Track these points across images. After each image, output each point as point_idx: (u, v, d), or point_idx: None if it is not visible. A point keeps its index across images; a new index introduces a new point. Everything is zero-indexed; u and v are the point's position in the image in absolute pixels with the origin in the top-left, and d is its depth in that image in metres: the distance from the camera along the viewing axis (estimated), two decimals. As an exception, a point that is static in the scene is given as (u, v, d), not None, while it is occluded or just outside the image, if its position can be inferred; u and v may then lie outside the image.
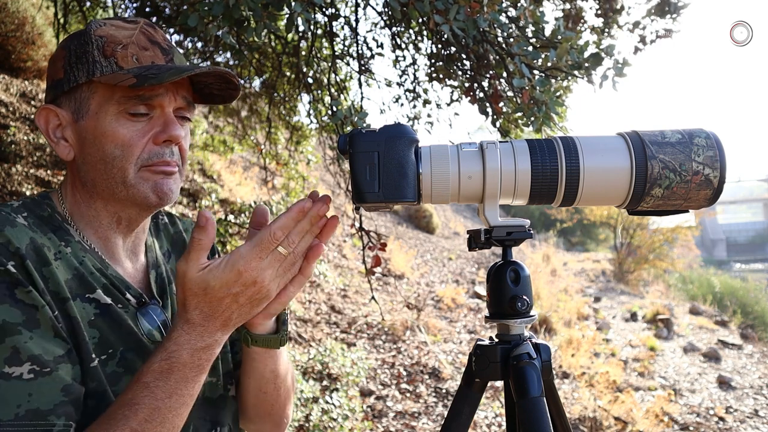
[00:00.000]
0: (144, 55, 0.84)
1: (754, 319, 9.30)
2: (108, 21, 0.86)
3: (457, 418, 0.92)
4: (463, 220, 16.04)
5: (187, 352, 0.74)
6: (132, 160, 0.83)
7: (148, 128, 0.84)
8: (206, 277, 0.72)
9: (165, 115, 0.85)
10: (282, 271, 0.76)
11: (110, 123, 0.83)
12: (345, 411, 3.78)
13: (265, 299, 0.76)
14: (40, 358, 0.71)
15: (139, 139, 0.83)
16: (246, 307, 0.75)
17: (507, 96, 2.41)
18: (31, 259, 0.75)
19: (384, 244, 2.60)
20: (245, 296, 0.74)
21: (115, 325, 0.83)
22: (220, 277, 0.72)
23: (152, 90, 0.82)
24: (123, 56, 0.82)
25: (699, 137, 0.84)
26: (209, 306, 0.73)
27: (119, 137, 0.82)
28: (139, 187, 0.84)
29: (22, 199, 0.86)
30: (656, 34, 3.23)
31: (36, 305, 0.73)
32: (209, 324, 0.74)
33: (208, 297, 0.73)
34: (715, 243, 35.19)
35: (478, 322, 6.85)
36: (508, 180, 0.85)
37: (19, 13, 5.45)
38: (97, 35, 0.84)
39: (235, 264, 0.72)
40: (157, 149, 0.84)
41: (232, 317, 0.75)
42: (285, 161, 4.83)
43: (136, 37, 0.84)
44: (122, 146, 0.83)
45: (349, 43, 3.86)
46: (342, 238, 8.56)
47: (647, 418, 4.71)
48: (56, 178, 4.63)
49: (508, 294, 0.88)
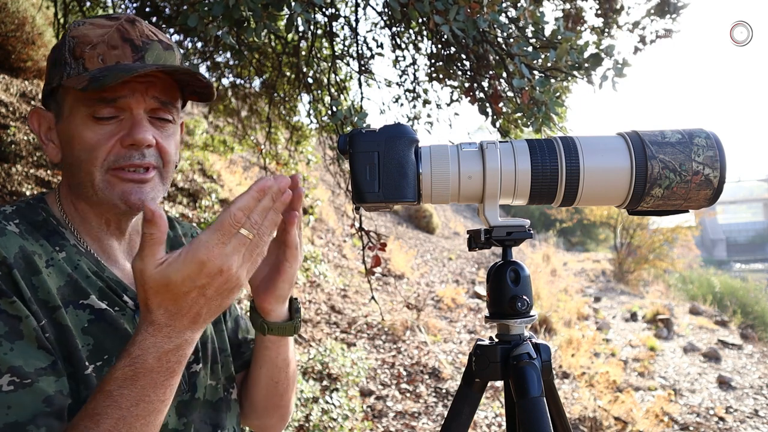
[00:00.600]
0: (110, 55, 0.81)
1: (754, 319, 9.30)
2: (89, 20, 0.85)
3: (457, 418, 0.92)
4: (463, 220, 16.04)
5: (153, 356, 0.68)
6: (97, 163, 0.81)
7: (116, 131, 0.82)
8: (166, 271, 0.65)
9: (132, 118, 0.82)
10: (248, 256, 0.69)
11: (77, 126, 0.82)
12: (345, 411, 3.78)
13: (236, 288, 0.70)
14: (21, 369, 0.69)
15: (105, 142, 0.81)
16: (216, 300, 0.69)
17: (507, 96, 2.41)
18: (19, 268, 0.74)
19: (384, 244, 2.60)
20: (213, 288, 0.67)
21: (110, 330, 0.81)
22: (182, 270, 0.65)
23: (114, 92, 0.80)
24: (90, 56, 0.81)
25: (699, 137, 0.84)
26: (174, 303, 0.67)
27: (85, 140, 0.81)
28: (107, 192, 0.82)
29: (16, 204, 0.85)
30: (656, 34, 3.23)
31: (20, 316, 0.71)
32: (176, 322, 0.68)
33: (171, 293, 0.66)
34: (715, 243, 35.19)
35: (478, 322, 6.85)
36: (508, 180, 0.85)
37: (19, 13, 5.45)
38: (71, 36, 0.83)
39: (196, 253, 0.65)
40: (124, 152, 0.82)
41: (202, 312, 0.69)
42: (285, 161, 4.83)
43: (109, 35, 0.82)
44: (87, 149, 0.81)
45: (349, 43, 3.86)
46: (342, 238, 8.56)
47: (647, 418, 4.71)
48: (56, 178, 4.63)
49: (508, 294, 0.88)
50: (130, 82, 0.81)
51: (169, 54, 0.86)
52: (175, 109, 0.88)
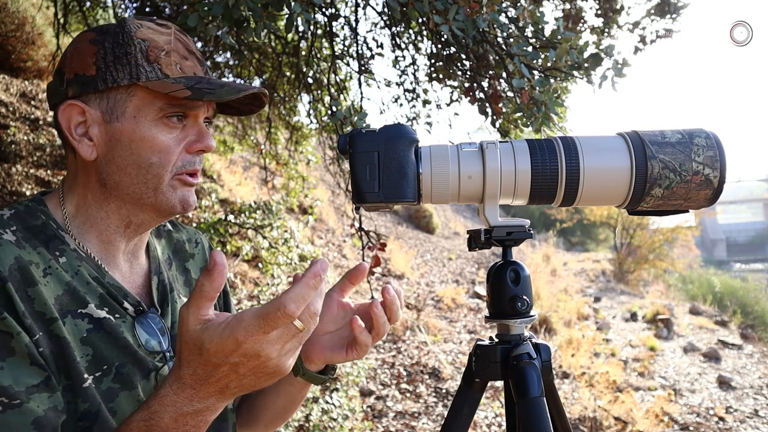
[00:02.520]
0: (186, 65, 0.85)
1: (754, 319, 9.30)
2: (143, 23, 0.85)
3: (457, 418, 0.92)
4: (463, 220, 16.04)
5: (171, 416, 0.66)
6: (168, 167, 0.83)
7: (182, 136, 0.85)
8: (202, 336, 0.63)
9: (198, 125, 0.86)
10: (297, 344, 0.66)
11: (149, 128, 0.82)
12: (345, 411, 3.78)
13: (275, 374, 0.66)
14: (10, 389, 0.68)
15: (176, 146, 0.84)
16: (249, 378, 0.66)
17: (507, 96, 2.41)
18: (13, 281, 0.73)
19: (384, 244, 2.60)
20: (246, 368, 0.64)
21: (110, 339, 0.80)
22: (217, 342, 0.62)
23: (195, 101, 0.83)
24: (167, 63, 0.83)
25: (699, 137, 0.84)
26: (203, 369, 0.65)
27: (158, 144, 0.82)
28: (169, 195, 0.84)
29: (14, 207, 0.83)
30: (656, 34, 3.23)
31: (11, 332, 0.70)
32: (201, 388, 0.66)
33: (203, 359, 0.64)
34: (715, 243, 35.18)
35: (478, 322, 6.84)
36: (508, 180, 0.85)
37: (19, 13, 5.45)
38: (138, 38, 0.82)
39: (234, 331, 0.62)
40: (190, 158, 0.85)
41: (231, 386, 0.66)
42: (285, 161, 4.83)
43: (174, 44, 0.85)
44: (160, 153, 0.83)
45: (349, 43, 3.86)
46: (342, 238, 8.56)
47: (647, 418, 4.71)
48: (56, 178, 4.63)
49: (508, 294, 0.88)
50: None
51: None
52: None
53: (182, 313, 0.65)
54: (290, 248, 4.67)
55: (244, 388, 0.67)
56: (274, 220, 4.55)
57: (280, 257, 4.60)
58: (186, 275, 1.03)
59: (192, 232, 1.10)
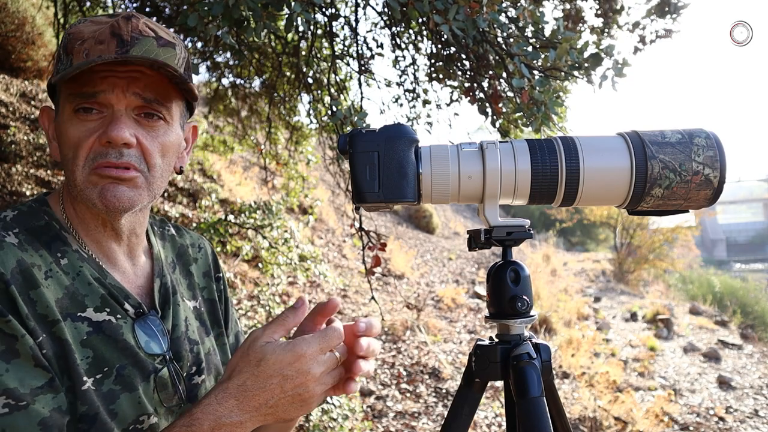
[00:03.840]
0: (95, 49, 0.77)
1: (754, 319, 9.30)
2: (90, 18, 0.83)
3: (457, 418, 0.92)
4: (463, 220, 16.03)
5: (209, 424, 0.70)
6: (79, 162, 0.79)
7: (97, 127, 0.79)
8: (266, 348, 0.71)
9: (112, 114, 0.79)
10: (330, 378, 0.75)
11: (65, 122, 0.80)
12: (345, 411, 3.78)
13: (308, 400, 0.73)
14: (16, 392, 0.69)
15: (86, 139, 0.79)
16: (286, 399, 0.72)
17: (507, 96, 2.41)
18: (16, 283, 0.73)
19: (384, 244, 2.60)
20: (292, 384, 0.71)
21: (110, 342, 0.80)
22: (278, 353, 0.71)
23: (94, 86, 0.78)
24: (77, 52, 0.78)
25: (699, 137, 0.84)
26: (255, 380, 0.71)
27: (69, 137, 0.80)
28: (87, 191, 0.80)
29: (18, 208, 0.83)
30: (656, 34, 3.22)
31: (15, 335, 0.70)
32: (244, 400, 0.71)
33: (259, 370, 0.71)
34: (715, 243, 35.17)
35: (478, 322, 6.84)
36: (508, 180, 0.85)
37: (19, 13, 5.45)
38: (67, 32, 0.82)
39: (296, 346, 0.71)
40: (102, 149, 0.79)
41: (269, 403, 0.71)
42: (285, 161, 4.83)
43: (101, 31, 0.79)
44: (71, 146, 0.79)
45: (349, 43, 3.86)
46: (342, 238, 8.55)
47: (647, 418, 4.71)
48: (56, 178, 4.63)
49: (508, 294, 0.88)
50: (109, 77, 0.78)
51: (165, 50, 0.81)
52: (164, 108, 0.83)
53: (254, 332, 0.74)
54: (290, 248, 4.66)
55: (278, 410, 0.72)
56: (274, 220, 4.54)
57: (280, 257, 4.59)
58: (189, 279, 1.02)
59: (196, 237, 1.09)
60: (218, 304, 1.06)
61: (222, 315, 1.06)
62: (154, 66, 0.79)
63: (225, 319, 1.07)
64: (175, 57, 0.83)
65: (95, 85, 0.78)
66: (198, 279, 1.04)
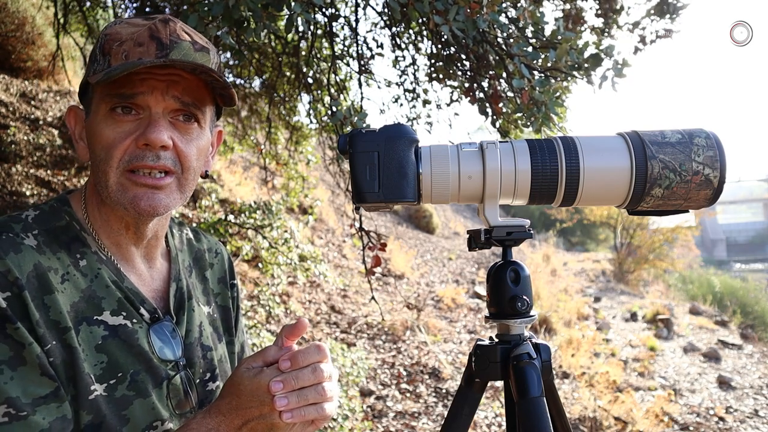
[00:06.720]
0: (135, 51, 0.78)
1: (754, 319, 9.29)
2: (126, 19, 0.83)
3: (457, 418, 0.92)
4: (463, 220, 16.03)
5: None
6: (113, 163, 0.78)
7: (133, 129, 0.79)
8: (243, 374, 0.76)
9: (150, 116, 0.79)
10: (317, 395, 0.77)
11: (99, 123, 0.80)
12: (345, 411, 3.78)
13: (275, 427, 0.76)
14: (17, 401, 0.68)
15: (122, 141, 0.78)
16: (260, 424, 0.76)
17: (507, 96, 2.41)
18: (31, 288, 0.72)
19: (384, 244, 2.60)
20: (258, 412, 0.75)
21: (125, 347, 0.80)
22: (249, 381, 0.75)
23: (133, 88, 0.77)
24: (116, 53, 0.78)
25: (699, 137, 0.84)
26: (238, 401, 0.76)
27: (103, 138, 0.79)
28: (119, 196, 0.79)
29: (40, 207, 0.82)
30: (656, 34, 3.22)
31: (23, 343, 0.70)
32: (230, 416, 0.76)
33: (240, 392, 0.76)
34: (715, 243, 35.17)
35: (478, 322, 6.84)
36: (508, 180, 0.85)
37: (19, 13, 5.45)
38: (103, 33, 0.81)
39: (262, 375, 0.75)
40: (138, 152, 0.78)
41: (248, 425, 0.76)
42: (285, 161, 4.83)
43: (140, 33, 0.79)
44: (105, 148, 0.79)
45: (349, 44, 3.86)
46: (342, 238, 8.55)
47: (647, 418, 4.71)
48: (56, 178, 4.63)
49: (508, 294, 0.88)
50: (149, 79, 0.78)
51: (201, 55, 0.81)
52: (200, 112, 0.83)
53: (246, 357, 0.80)
54: (290, 248, 4.67)
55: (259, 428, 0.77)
56: (274, 220, 4.55)
57: (280, 257, 4.60)
58: (205, 284, 1.02)
59: (213, 242, 1.08)
60: (231, 312, 1.05)
61: (234, 320, 1.06)
62: (196, 70, 0.79)
63: (234, 328, 1.06)
64: (210, 61, 0.84)
65: (134, 86, 0.77)
66: (213, 285, 1.03)
